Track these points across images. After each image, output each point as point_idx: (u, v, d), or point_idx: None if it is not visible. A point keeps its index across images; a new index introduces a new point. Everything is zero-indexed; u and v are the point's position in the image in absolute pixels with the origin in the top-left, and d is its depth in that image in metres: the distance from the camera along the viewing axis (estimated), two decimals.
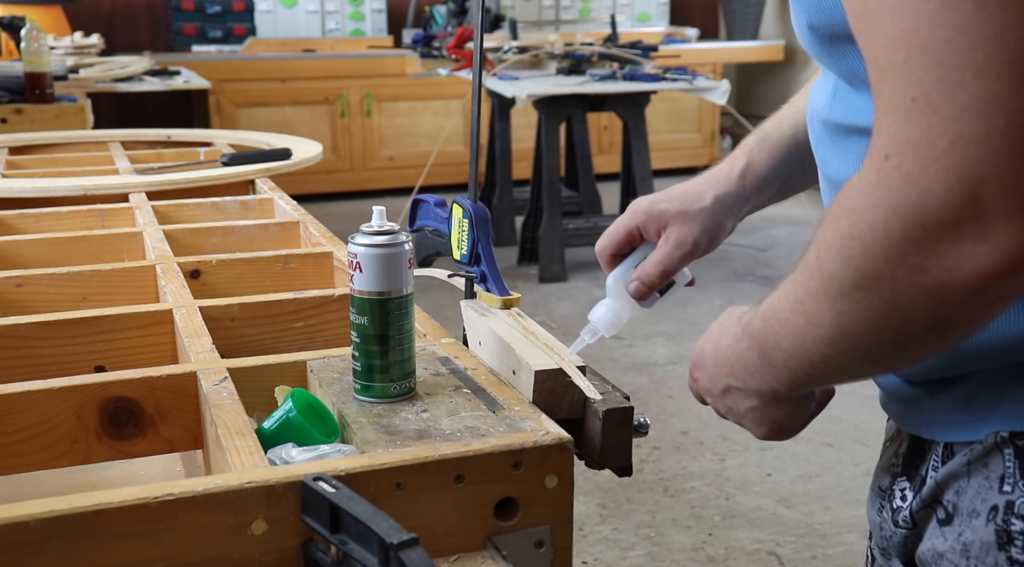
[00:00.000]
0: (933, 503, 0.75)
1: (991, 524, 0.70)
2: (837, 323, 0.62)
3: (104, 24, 6.21)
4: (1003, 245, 0.53)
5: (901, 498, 0.79)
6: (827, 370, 0.66)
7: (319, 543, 0.67)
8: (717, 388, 0.77)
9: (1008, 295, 0.56)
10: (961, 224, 0.53)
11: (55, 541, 0.62)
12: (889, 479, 0.81)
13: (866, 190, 0.56)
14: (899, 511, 0.79)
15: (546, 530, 0.75)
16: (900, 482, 0.80)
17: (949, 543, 0.73)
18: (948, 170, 0.52)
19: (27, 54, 3.10)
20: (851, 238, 0.58)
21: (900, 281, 0.56)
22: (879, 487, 0.83)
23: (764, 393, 0.74)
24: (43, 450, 0.90)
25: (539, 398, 0.84)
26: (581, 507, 2.49)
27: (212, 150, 2.24)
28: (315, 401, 0.85)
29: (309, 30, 6.51)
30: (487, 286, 0.98)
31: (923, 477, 0.76)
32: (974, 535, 0.71)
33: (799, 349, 0.66)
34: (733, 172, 0.92)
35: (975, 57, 0.50)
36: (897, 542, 0.80)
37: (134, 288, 1.26)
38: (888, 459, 0.82)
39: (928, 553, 0.75)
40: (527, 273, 4.64)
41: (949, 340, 0.61)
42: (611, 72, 4.57)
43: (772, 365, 0.70)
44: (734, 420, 0.80)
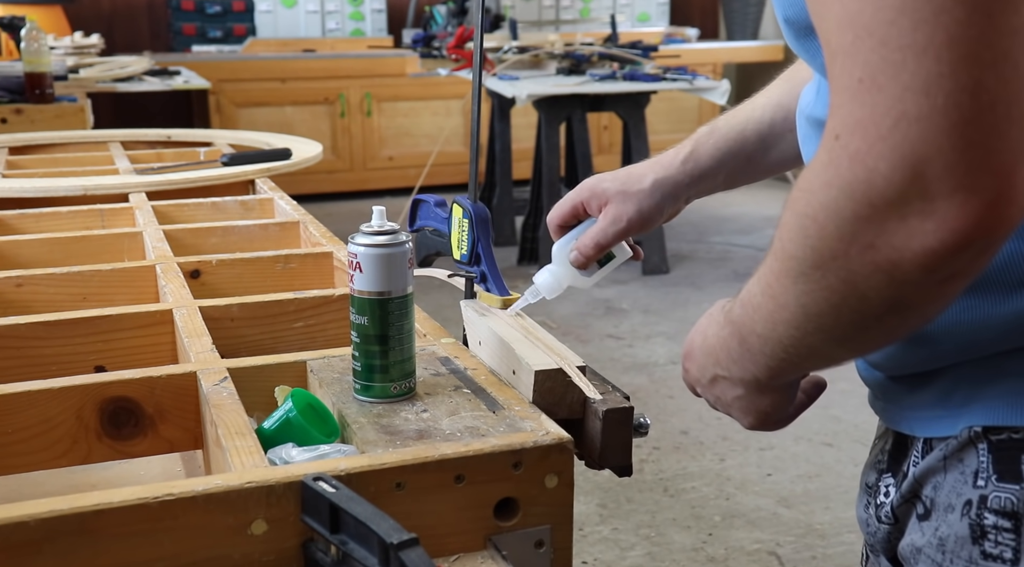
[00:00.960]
0: (913, 498, 0.76)
1: (965, 518, 0.70)
2: (800, 304, 0.62)
3: (104, 24, 6.21)
4: (948, 223, 0.53)
5: (885, 494, 0.80)
6: (799, 354, 0.67)
7: (319, 543, 0.67)
8: (705, 377, 0.78)
9: (960, 274, 0.56)
10: (907, 202, 0.54)
11: (55, 541, 0.62)
12: (875, 475, 0.82)
13: (818, 170, 0.57)
14: (882, 507, 0.80)
15: (546, 530, 0.75)
16: (885, 478, 0.81)
17: (927, 538, 0.73)
18: (892, 148, 0.53)
19: (27, 54, 3.10)
20: (806, 217, 0.59)
21: (853, 260, 0.57)
22: (866, 484, 0.84)
23: (747, 381, 0.74)
24: (43, 450, 0.90)
25: (539, 398, 0.84)
26: (581, 507, 2.49)
27: (212, 150, 2.24)
28: (315, 401, 0.85)
29: (309, 30, 6.51)
30: (487, 286, 0.98)
31: (905, 473, 0.77)
32: (949, 529, 0.72)
33: (771, 333, 0.67)
34: (676, 158, 0.95)
35: (915, 38, 0.51)
36: (881, 538, 0.80)
37: (134, 288, 1.26)
38: (875, 456, 0.83)
39: (908, 548, 0.76)
40: (527, 273, 4.63)
41: (909, 322, 0.62)
42: (611, 72, 4.57)
43: (751, 351, 0.71)
44: (723, 410, 0.80)
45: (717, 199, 6.24)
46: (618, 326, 3.90)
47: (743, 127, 0.94)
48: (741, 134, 0.94)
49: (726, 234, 5.34)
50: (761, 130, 0.94)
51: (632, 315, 4.03)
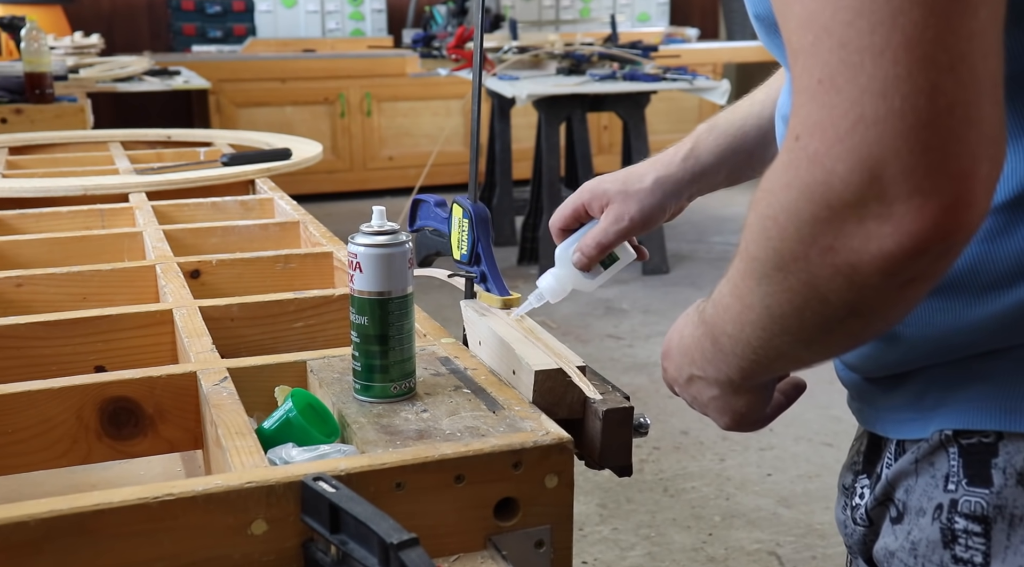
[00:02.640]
0: (886, 501, 0.76)
1: (936, 522, 0.70)
2: (765, 306, 0.62)
3: (104, 24, 6.21)
4: (904, 226, 0.53)
5: (860, 496, 0.80)
6: (768, 355, 0.67)
7: (319, 543, 0.67)
8: (682, 377, 0.78)
9: (920, 278, 0.56)
10: (864, 205, 0.53)
11: (55, 541, 0.62)
12: (851, 477, 0.82)
13: (779, 170, 0.57)
14: (857, 508, 0.80)
15: (546, 530, 0.75)
16: (861, 480, 0.81)
17: (899, 541, 0.73)
18: (850, 150, 0.53)
19: (27, 54, 3.10)
20: (768, 218, 0.59)
21: (813, 262, 0.57)
22: (843, 485, 0.84)
23: (722, 382, 0.74)
24: (43, 450, 0.90)
25: (539, 398, 0.84)
26: (581, 507, 2.49)
27: (212, 150, 2.24)
28: (315, 401, 0.85)
29: (309, 30, 6.51)
30: (487, 286, 0.98)
31: (879, 475, 0.77)
32: (921, 533, 0.72)
33: (740, 334, 0.67)
34: (677, 156, 0.95)
35: (873, 40, 0.51)
36: (857, 539, 0.80)
37: (134, 288, 1.26)
38: (851, 457, 0.83)
39: (881, 551, 0.76)
40: (527, 273, 4.64)
41: (872, 326, 0.62)
42: (611, 72, 4.57)
43: (723, 352, 0.70)
44: (700, 410, 0.80)
45: (717, 199, 6.23)
46: (618, 326, 3.90)
47: (743, 123, 0.94)
48: (741, 130, 0.94)
49: (726, 234, 5.34)
50: (761, 125, 0.93)
51: (632, 315, 4.03)
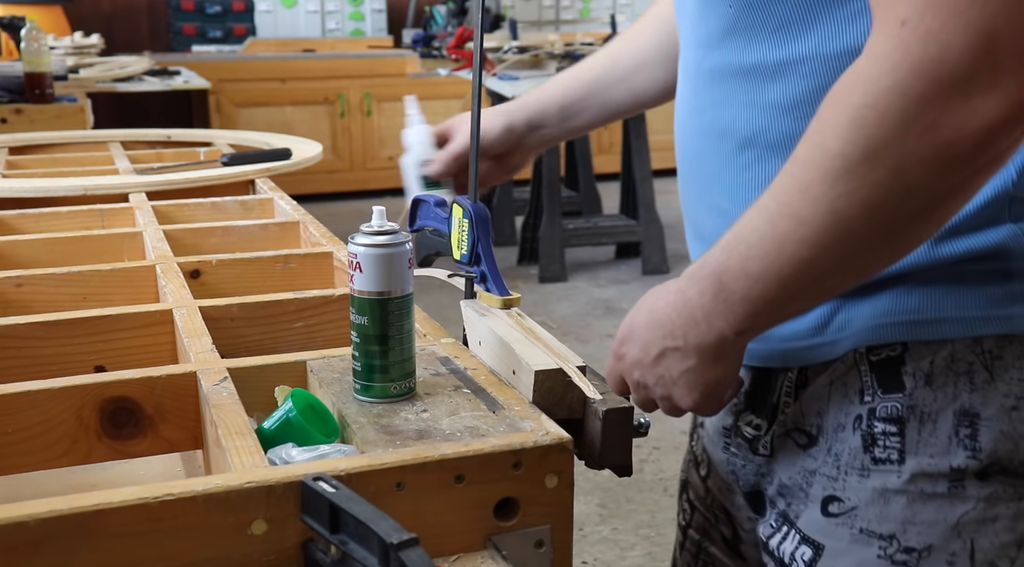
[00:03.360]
0: (792, 431, 0.82)
1: (858, 432, 0.78)
2: (832, 211, 0.63)
3: (104, 24, 6.21)
4: (1010, 97, 0.57)
5: (754, 427, 0.86)
6: (796, 285, 0.68)
7: (319, 543, 0.67)
8: (650, 355, 0.77)
9: (1000, 157, 0.61)
10: (974, 78, 0.57)
11: (55, 541, 0.62)
12: (732, 418, 0.88)
13: (881, 57, 0.60)
14: (757, 440, 0.85)
15: (546, 530, 0.75)
16: (745, 416, 0.87)
17: (820, 460, 0.80)
18: (967, 24, 0.56)
19: (27, 54, 3.10)
20: (864, 107, 0.61)
21: (910, 144, 0.60)
22: (722, 427, 0.90)
23: (706, 346, 0.74)
24: (43, 450, 0.90)
25: (539, 398, 0.84)
26: (581, 507, 2.49)
27: (212, 150, 2.23)
28: (315, 401, 0.85)
29: (309, 30, 6.51)
30: (487, 286, 0.98)
31: (773, 405, 0.83)
32: (843, 445, 0.79)
33: (771, 265, 0.68)
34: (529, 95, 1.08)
35: None
36: (750, 472, 0.87)
37: (134, 288, 1.26)
38: None
39: (798, 474, 0.82)
40: (527, 273, 4.64)
41: (934, 223, 0.65)
42: None
43: (729, 301, 0.71)
44: (661, 391, 0.79)
45: None
46: (618, 326, 3.90)
47: (578, 72, 1.05)
48: (576, 77, 1.05)
49: None
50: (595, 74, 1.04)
51: None
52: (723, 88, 0.80)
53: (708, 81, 0.82)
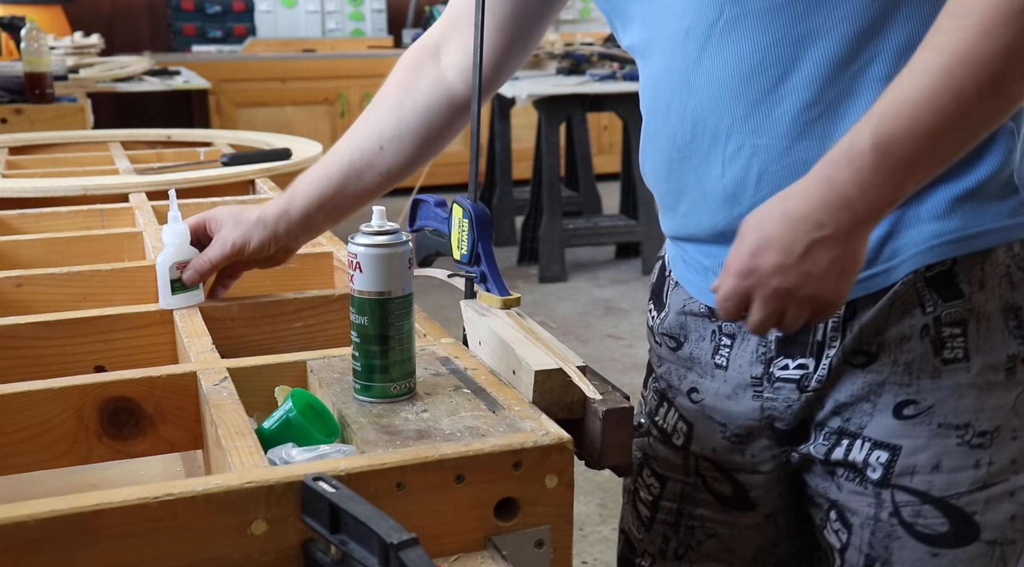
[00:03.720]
0: (849, 355, 0.90)
1: (926, 339, 0.87)
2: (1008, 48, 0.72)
3: (104, 24, 6.21)
4: None
5: (799, 368, 0.92)
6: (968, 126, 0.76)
7: (319, 543, 0.67)
8: (794, 254, 0.79)
9: None
10: None
11: (55, 541, 0.62)
12: (762, 367, 0.95)
13: None
14: (807, 378, 0.92)
15: (546, 530, 0.75)
16: (779, 362, 0.93)
17: (885, 373, 0.89)
18: None
19: (27, 54, 3.10)
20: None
21: None
22: (751, 377, 0.95)
23: (857, 225, 0.78)
24: (43, 450, 0.90)
25: (539, 398, 0.84)
26: (581, 507, 2.49)
27: (212, 150, 2.24)
28: (315, 401, 0.85)
29: (309, 30, 6.51)
30: (487, 286, 0.98)
31: (819, 343, 0.91)
32: (911, 354, 0.88)
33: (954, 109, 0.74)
34: (278, 205, 1.09)
35: None
36: (796, 408, 0.94)
37: (134, 288, 1.26)
38: (750, 350, 0.95)
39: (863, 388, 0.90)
40: (527, 273, 4.64)
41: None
42: (611, 72, 4.57)
43: (891, 169, 0.76)
44: (808, 291, 0.80)
45: None
46: (618, 326, 3.90)
47: (328, 172, 1.08)
48: (327, 178, 1.08)
49: None
50: (343, 170, 1.08)
51: (632, 315, 4.03)
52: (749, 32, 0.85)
53: (728, 31, 0.85)
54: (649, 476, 1.08)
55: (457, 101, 1.09)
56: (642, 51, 0.95)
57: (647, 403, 1.10)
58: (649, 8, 0.92)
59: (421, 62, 1.10)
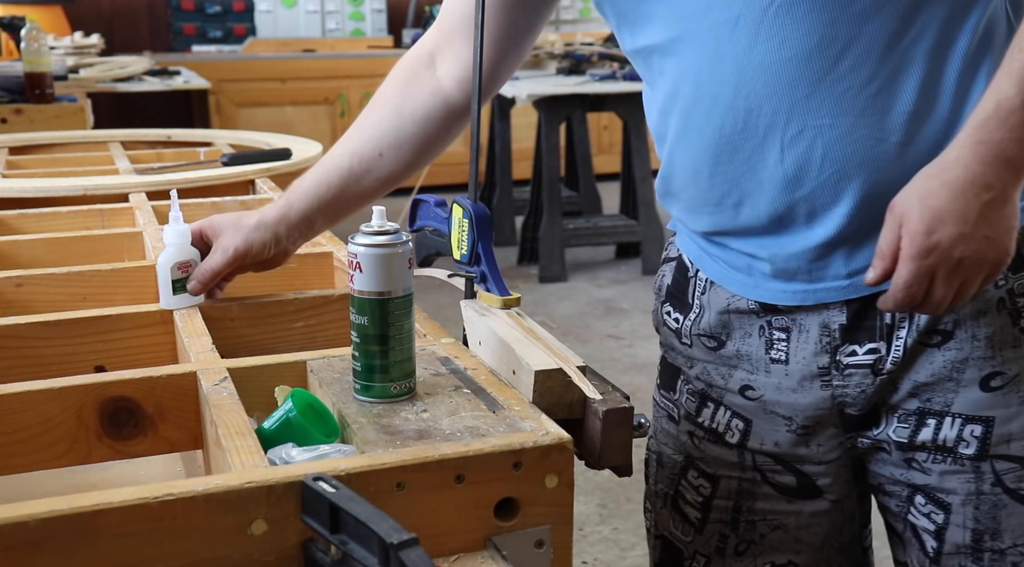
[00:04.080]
0: (923, 334, 0.92)
1: (1003, 311, 0.91)
2: None
3: (104, 24, 6.21)
4: None
5: (870, 352, 0.94)
6: None
7: (319, 543, 0.67)
8: (970, 220, 0.81)
9: None
10: None
11: (55, 541, 0.62)
12: (828, 357, 0.96)
13: None
14: (881, 361, 0.94)
15: (546, 530, 0.75)
16: (845, 349, 0.95)
17: (966, 349, 0.92)
18: None
19: (27, 54, 3.10)
20: None
21: None
22: (818, 367, 0.96)
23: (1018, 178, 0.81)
24: (43, 450, 0.90)
25: (539, 398, 0.84)
26: (581, 507, 2.49)
27: (212, 150, 2.24)
28: (315, 401, 0.85)
29: (309, 30, 6.51)
30: (487, 286, 0.98)
31: (887, 326, 0.93)
32: (991, 327, 0.91)
33: None
34: (276, 208, 1.09)
35: None
36: (869, 393, 0.95)
37: (134, 288, 1.26)
38: (812, 342, 0.96)
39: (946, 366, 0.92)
40: (527, 273, 4.64)
41: None
42: (611, 72, 4.57)
43: None
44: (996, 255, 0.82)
45: None
46: (618, 326, 3.90)
47: (327, 177, 1.09)
48: (327, 183, 1.09)
49: None
50: (342, 175, 1.09)
51: (632, 315, 4.03)
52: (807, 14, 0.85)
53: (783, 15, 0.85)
54: (696, 477, 1.07)
55: (454, 109, 1.11)
56: (667, 49, 0.94)
57: (681, 406, 1.08)
58: (674, 5, 0.91)
59: (417, 71, 1.12)
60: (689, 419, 1.07)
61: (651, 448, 1.13)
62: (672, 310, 1.08)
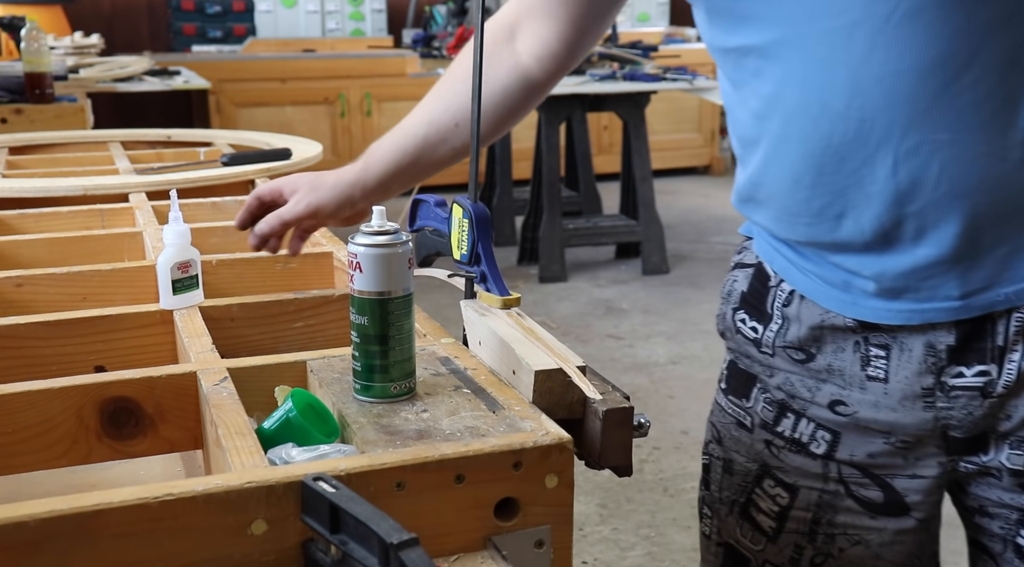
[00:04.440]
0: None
1: None
2: None
3: (104, 24, 6.21)
4: None
5: (980, 374, 0.90)
6: None
7: (319, 543, 0.67)
8: None
9: None
10: None
11: (55, 541, 0.62)
12: (932, 378, 0.92)
13: None
14: (991, 384, 0.90)
15: (546, 530, 0.75)
16: (951, 370, 0.91)
17: None
18: None
19: (27, 54, 3.10)
20: None
21: None
22: (922, 388, 0.92)
23: None
24: (43, 450, 0.90)
25: (539, 398, 0.84)
26: (581, 507, 2.49)
27: (212, 150, 2.24)
28: (315, 401, 0.85)
29: (309, 30, 6.52)
30: (487, 286, 0.98)
31: (999, 348, 0.89)
32: None
33: None
34: (353, 171, 1.11)
35: None
36: (977, 416, 0.91)
37: (134, 288, 1.26)
38: (916, 361, 0.92)
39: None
40: (527, 273, 4.64)
41: None
42: (611, 72, 4.57)
43: None
44: None
45: (717, 199, 6.23)
46: (618, 326, 3.90)
47: (403, 144, 1.11)
48: (403, 149, 1.11)
49: (726, 234, 5.34)
50: (417, 144, 1.11)
51: (632, 315, 4.03)
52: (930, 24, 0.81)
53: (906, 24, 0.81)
54: (773, 487, 1.04)
55: (533, 85, 1.12)
56: (767, 51, 0.89)
57: (756, 415, 1.04)
58: (779, 7, 0.86)
59: (497, 45, 1.11)
60: (766, 428, 1.03)
61: (714, 454, 1.10)
62: (748, 318, 1.03)
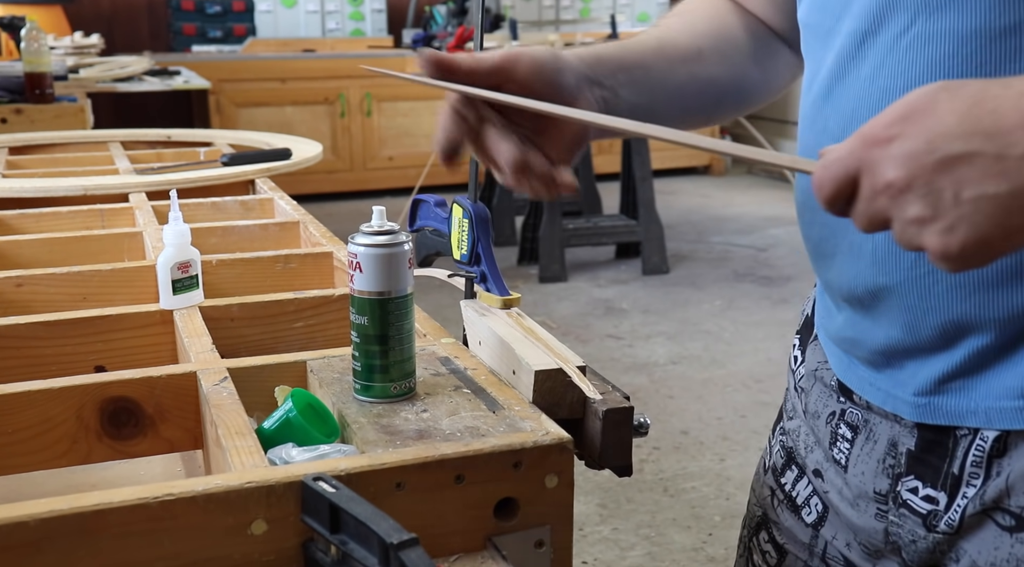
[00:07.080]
0: (993, 510, 0.70)
1: None
2: None
3: (104, 24, 6.21)
4: None
5: (927, 500, 0.74)
6: None
7: (319, 543, 0.67)
8: (935, 155, 0.55)
9: None
10: None
11: (55, 541, 0.62)
12: (888, 482, 0.77)
13: None
14: (935, 516, 0.74)
15: (546, 530, 0.75)
16: (908, 482, 0.76)
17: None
18: None
19: (27, 54, 3.09)
20: None
21: None
22: (875, 491, 0.79)
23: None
24: (43, 450, 0.90)
25: (539, 398, 0.84)
26: (581, 507, 2.49)
27: (212, 150, 2.23)
28: (315, 401, 0.85)
29: (309, 30, 6.52)
30: (487, 286, 0.98)
31: (954, 475, 0.72)
32: None
33: None
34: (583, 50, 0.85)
35: None
36: (922, 547, 0.76)
37: (134, 288, 1.26)
38: (876, 458, 0.78)
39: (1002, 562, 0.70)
40: (527, 273, 4.64)
41: None
42: None
43: None
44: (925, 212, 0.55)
45: (717, 199, 6.24)
46: (618, 326, 3.90)
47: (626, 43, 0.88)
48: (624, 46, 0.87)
49: (726, 234, 5.34)
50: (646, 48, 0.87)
51: (632, 315, 4.03)
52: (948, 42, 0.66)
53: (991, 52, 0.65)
54: (767, 542, 0.94)
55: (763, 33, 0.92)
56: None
57: (771, 455, 0.94)
58: None
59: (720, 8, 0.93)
60: (774, 474, 0.93)
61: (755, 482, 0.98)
62: (797, 343, 0.93)
